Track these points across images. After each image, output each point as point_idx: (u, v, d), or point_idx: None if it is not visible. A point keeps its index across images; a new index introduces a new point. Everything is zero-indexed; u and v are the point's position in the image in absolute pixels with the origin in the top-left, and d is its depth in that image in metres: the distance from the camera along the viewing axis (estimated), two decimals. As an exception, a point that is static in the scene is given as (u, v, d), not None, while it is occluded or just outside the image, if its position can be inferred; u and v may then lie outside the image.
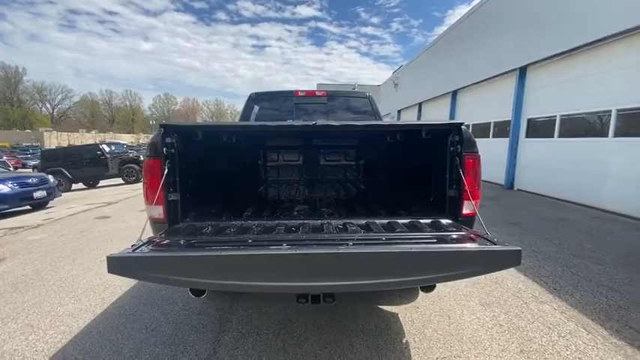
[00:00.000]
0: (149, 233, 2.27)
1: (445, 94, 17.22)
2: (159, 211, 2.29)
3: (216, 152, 3.43)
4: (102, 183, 15.59)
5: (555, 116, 9.51)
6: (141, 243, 1.78)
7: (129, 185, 15.04)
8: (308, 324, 3.03)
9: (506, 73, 11.83)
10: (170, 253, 1.54)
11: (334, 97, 5.03)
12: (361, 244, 1.84)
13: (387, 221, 2.42)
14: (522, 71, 10.97)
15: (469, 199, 2.36)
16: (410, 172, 3.19)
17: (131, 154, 16.33)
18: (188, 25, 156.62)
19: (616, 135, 7.55)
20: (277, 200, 3.88)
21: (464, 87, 15.27)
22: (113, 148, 16.00)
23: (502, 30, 12.01)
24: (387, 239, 1.93)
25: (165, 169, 2.26)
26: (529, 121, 10.77)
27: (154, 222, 2.34)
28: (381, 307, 3.37)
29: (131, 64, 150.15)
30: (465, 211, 2.40)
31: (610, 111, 7.65)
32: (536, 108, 10.45)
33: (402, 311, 3.31)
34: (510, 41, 11.39)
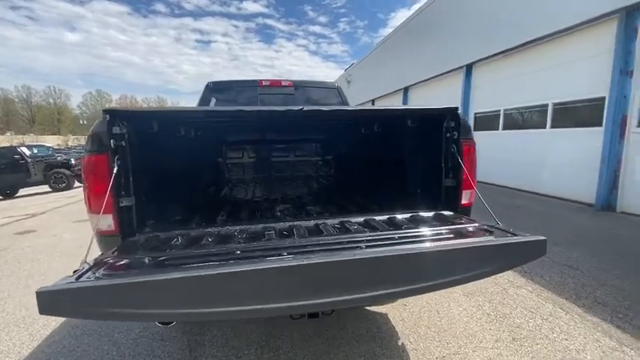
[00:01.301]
0: (97, 252, 1.75)
1: (397, 90, 17.81)
2: (108, 222, 1.79)
3: (177, 145, 2.92)
4: (23, 192, 13.36)
5: (499, 110, 10.24)
6: (87, 267, 1.31)
7: (58, 193, 13.09)
8: (294, 337, 2.70)
9: (453, 70, 12.51)
10: (133, 277, 1.12)
11: (301, 88, 4.71)
12: (375, 245, 1.58)
13: (386, 217, 2.19)
14: (469, 69, 11.67)
15: (468, 188, 2.23)
16: (398, 162, 3.00)
17: (59, 158, 14.26)
18: (123, 16, 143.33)
19: (552, 127, 8.32)
20: (253, 201, 3.46)
21: (415, 84, 15.91)
22: (36, 151, 13.78)
23: (449, 29, 12.66)
24: (399, 237, 1.70)
25: (114, 167, 1.76)
26: (476, 115, 11.50)
27: (103, 236, 1.83)
28: (367, 308, 3.17)
29: (55, 57, 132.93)
30: (464, 201, 2.27)
31: (547, 105, 8.40)
32: (482, 103, 11.18)
33: (390, 310, 3.14)
34: (457, 40, 12.04)
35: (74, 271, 1.27)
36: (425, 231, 1.82)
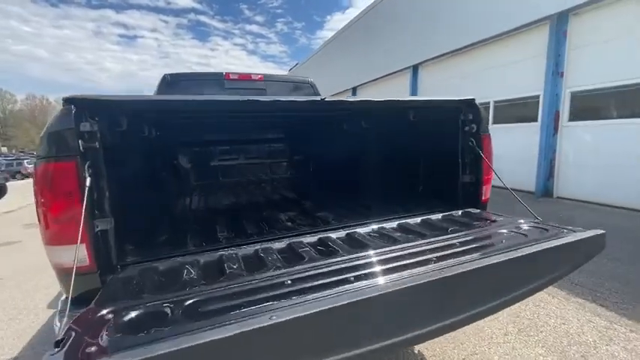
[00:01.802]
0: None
1: (346, 90, 18.07)
2: (81, 254, 1.28)
3: (163, 146, 2.40)
4: None
5: (447, 108, 10.92)
6: (72, 334, 0.86)
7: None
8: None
9: (401, 70, 13.05)
10: (176, 341, 0.73)
11: (273, 82, 4.33)
12: (449, 256, 1.36)
13: (419, 219, 1.99)
14: (415, 69, 12.27)
15: (489, 184, 2.15)
16: (409, 160, 2.78)
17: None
18: (25, 3, 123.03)
19: (494, 122, 9.09)
20: (263, 209, 2.96)
21: (364, 83, 16.29)
22: None
23: (397, 30, 13.17)
24: (460, 243, 1.51)
25: (86, 178, 1.27)
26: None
27: (69, 275, 1.31)
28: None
29: None
30: (484, 197, 2.19)
31: (489, 102, 9.15)
32: (429, 101, 11.82)
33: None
34: (405, 41, 12.56)
35: (57, 343, 0.82)
36: (483, 234, 1.66)
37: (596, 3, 6.32)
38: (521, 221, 1.84)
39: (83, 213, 1.21)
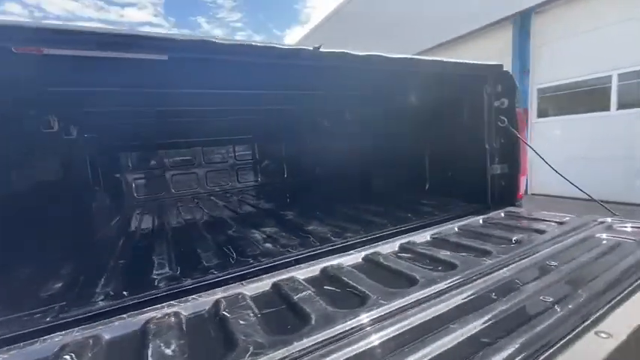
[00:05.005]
0: None
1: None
2: None
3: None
4: None
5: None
6: None
7: None
8: None
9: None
10: None
11: None
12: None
13: (456, 226, 1.43)
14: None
15: (524, 174, 1.67)
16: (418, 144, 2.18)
17: None
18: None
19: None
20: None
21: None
22: None
23: None
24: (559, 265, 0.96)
25: None
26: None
27: None
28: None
29: None
30: (521, 192, 1.70)
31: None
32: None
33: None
34: None
35: None
36: (577, 244, 1.13)
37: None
38: (607, 220, 1.35)
39: None
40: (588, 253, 1.06)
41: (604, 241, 1.14)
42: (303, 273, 1.17)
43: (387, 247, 1.33)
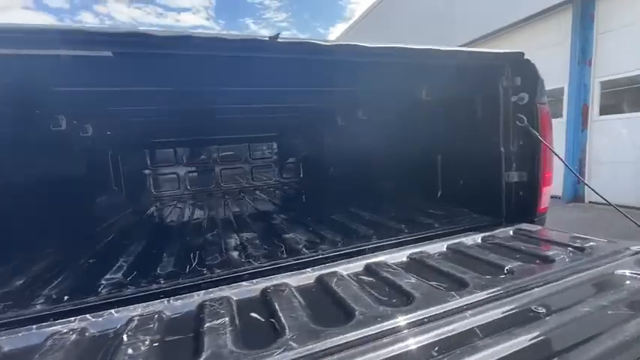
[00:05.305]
0: None
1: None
2: None
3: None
4: None
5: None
6: None
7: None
8: None
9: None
10: None
11: None
12: None
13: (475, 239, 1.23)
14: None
15: (549, 184, 1.39)
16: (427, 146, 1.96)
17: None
18: None
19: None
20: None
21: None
22: None
23: None
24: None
25: None
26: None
27: None
28: None
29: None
30: (543, 205, 1.41)
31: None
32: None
33: None
34: None
35: None
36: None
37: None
38: None
39: None
40: (595, 300, 0.80)
41: (627, 282, 0.86)
42: (345, 268, 1.21)
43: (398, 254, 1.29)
